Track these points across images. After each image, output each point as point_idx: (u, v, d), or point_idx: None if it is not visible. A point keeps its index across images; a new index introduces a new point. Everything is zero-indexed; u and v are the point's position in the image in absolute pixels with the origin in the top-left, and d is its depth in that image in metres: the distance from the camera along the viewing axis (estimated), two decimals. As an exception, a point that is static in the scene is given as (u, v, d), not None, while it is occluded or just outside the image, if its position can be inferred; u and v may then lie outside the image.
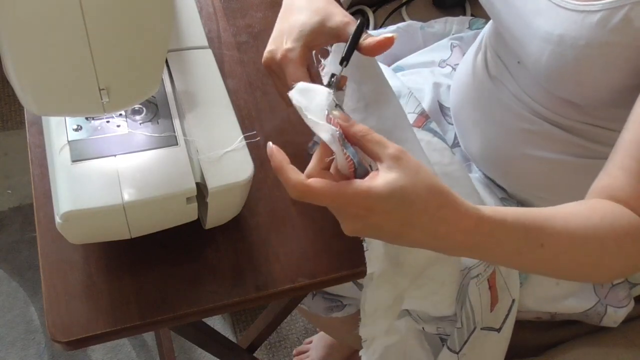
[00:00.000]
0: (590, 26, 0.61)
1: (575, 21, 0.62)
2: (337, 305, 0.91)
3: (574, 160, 0.74)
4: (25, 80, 0.50)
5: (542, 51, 0.66)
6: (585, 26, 0.62)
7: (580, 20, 0.62)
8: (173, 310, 0.59)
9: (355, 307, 0.91)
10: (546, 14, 0.65)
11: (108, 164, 0.57)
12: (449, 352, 0.76)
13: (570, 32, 0.63)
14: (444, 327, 0.77)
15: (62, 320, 0.57)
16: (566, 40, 0.63)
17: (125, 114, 0.61)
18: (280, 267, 0.63)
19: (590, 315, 0.85)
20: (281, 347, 1.39)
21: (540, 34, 0.66)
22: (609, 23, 0.60)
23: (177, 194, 0.57)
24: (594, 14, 0.61)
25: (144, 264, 0.61)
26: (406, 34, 1.04)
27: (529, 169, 0.78)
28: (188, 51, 0.68)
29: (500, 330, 0.78)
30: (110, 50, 0.49)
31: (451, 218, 0.51)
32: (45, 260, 0.60)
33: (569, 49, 0.63)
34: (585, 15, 0.62)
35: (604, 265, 0.58)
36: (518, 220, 0.56)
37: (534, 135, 0.75)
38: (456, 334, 0.75)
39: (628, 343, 0.86)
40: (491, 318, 0.77)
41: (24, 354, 1.32)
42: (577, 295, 0.83)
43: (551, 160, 0.75)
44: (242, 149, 0.61)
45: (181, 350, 1.34)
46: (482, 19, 1.05)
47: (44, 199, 0.63)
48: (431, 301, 0.72)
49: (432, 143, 0.79)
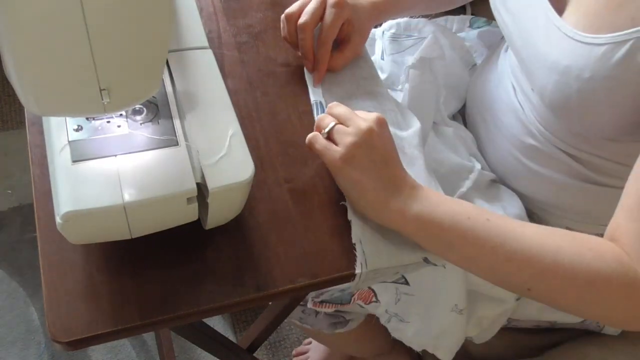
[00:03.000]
0: (595, 59, 0.61)
1: (582, 53, 0.62)
2: (340, 321, 0.91)
3: (579, 184, 0.74)
4: (25, 80, 0.50)
5: (547, 80, 0.66)
6: (590, 59, 0.61)
7: (587, 53, 0.61)
8: (173, 311, 0.59)
9: (357, 321, 0.91)
10: (555, 44, 0.64)
11: (108, 164, 0.57)
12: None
13: (576, 63, 0.62)
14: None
15: (62, 320, 0.57)
16: (572, 71, 0.63)
17: (125, 114, 0.61)
18: (280, 267, 0.63)
19: (590, 325, 0.85)
20: (281, 347, 1.39)
21: (547, 63, 0.65)
22: (613, 57, 0.59)
23: (178, 194, 0.57)
24: (599, 47, 0.60)
25: (145, 264, 0.61)
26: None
27: (534, 184, 0.78)
28: (188, 51, 0.68)
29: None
30: (111, 50, 0.49)
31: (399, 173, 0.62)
32: (46, 260, 0.60)
33: (574, 80, 0.63)
34: (591, 47, 0.61)
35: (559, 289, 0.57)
36: (461, 203, 0.60)
37: (541, 153, 0.74)
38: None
39: (628, 343, 0.86)
40: None
41: (24, 354, 1.32)
42: None
43: (556, 180, 0.75)
44: (243, 149, 0.61)
45: (181, 350, 1.34)
46: (482, 18, 1.05)
47: (44, 199, 0.63)
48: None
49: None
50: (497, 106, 0.80)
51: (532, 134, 0.74)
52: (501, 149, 0.80)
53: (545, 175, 0.75)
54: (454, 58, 0.90)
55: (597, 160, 0.71)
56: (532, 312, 0.83)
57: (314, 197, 0.69)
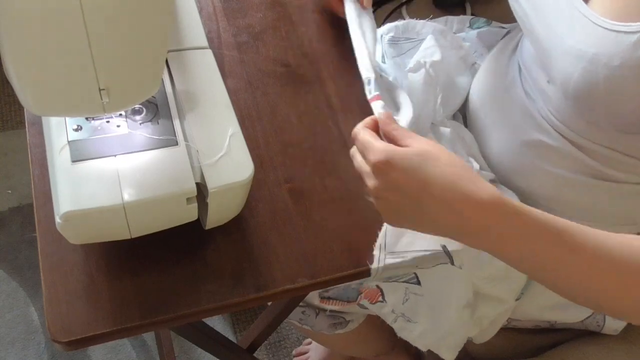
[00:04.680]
0: (627, 47, 0.60)
1: (612, 40, 0.61)
2: (340, 322, 0.91)
3: (585, 180, 0.73)
4: (25, 80, 0.50)
5: (573, 68, 0.65)
6: (621, 46, 0.60)
7: (617, 40, 0.61)
8: (173, 311, 0.59)
9: (357, 322, 0.91)
10: (581, 31, 0.64)
11: (108, 164, 0.57)
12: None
13: (605, 51, 0.61)
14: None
15: (62, 320, 0.57)
16: (600, 58, 0.62)
17: (125, 114, 0.61)
18: (280, 267, 0.63)
19: (589, 325, 0.85)
20: (281, 347, 1.39)
21: (573, 51, 0.64)
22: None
23: (177, 194, 0.57)
24: (632, 35, 0.60)
25: (144, 264, 0.61)
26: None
27: (537, 180, 0.78)
28: (188, 51, 0.68)
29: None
30: (111, 50, 0.49)
31: (469, 189, 0.53)
32: (45, 260, 0.60)
33: (602, 68, 0.62)
34: (622, 35, 0.60)
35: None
36: (546, 216, 0.55)
37: (550, 150, 0.74)
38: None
39: (628, 343, 0.86)
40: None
41: (24, 354, 1.32)
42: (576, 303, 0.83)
43: (560, 175, 0.75)
44: (243, 149, 0.61)
45: (181, 350, 1.34)
46: (482, 19, 1.05)
47: (44, 199, 0.63)
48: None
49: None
50: (502, 103, 0.80)
51: (542, 129, 0.74)
52: (505, 146, 0.80)
53: (550, 170, 0.75)
54: (453, 58, 0.90)
55: (610, 154, 0.71)
56: (532, 312, 0.83)
57: (313, 197, 0.69)
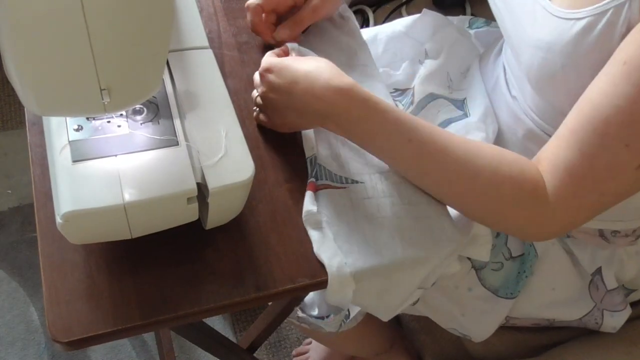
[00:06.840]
0: (577, 33, 0.62)
1: (564, 29, 0.63)
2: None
3: None
4: (26, 80, 0.50)
5: (533, 58, 0.67)
6: (572, 33, 0.63)
7: (569, 28, 0.63)
8: (173, 311, 0.59)
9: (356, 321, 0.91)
10: (540, 22, 0.66)
11: (109, 164, 0.57)
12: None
13: (559, 39, 0.64)
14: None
15: (62, 320, 0.57)
16: (555, 47, 0.64)
17: (126, 114, 0.61)
18: (280, 267, 0.63)
19: (588, 322, 0.85)
20: (281, 347, 1.39)
21: (532, 41, 0.67)
22: (595, 29, 0.61)
23: (178, 194, 0.57)
24: (580, 21, 0.62)
25: (145, 264, 0.62)
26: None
27: None
28: (189, 51, 0.68)
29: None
30: (112, 50, 0.49)
31: (329, 79, 0.63)
32: (46, 260, 0.60)
33: (558, 56, 0.64)
34: (573, 22, 0.63)
35: (488, 198, 0.63)
36: (394, 108, 0.64)
37: (537, 148, 0.75)
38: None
39: (628, 343, 0.86)
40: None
41: (24, 354, 1.32)
42: (574, 300, 0.83)
43: None
44: (243, 149, 0.61)
45: (181, 350, 1.34)
46: (482, 19, 1.05)
47: (44, 199, 0.63)
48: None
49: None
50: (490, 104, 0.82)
51: (527, 127, 0.75)
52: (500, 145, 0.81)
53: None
54: (459, 38, 0.91)
55: None
56: (530, 309, 0.83)
57: (314, 197, 0.69)
